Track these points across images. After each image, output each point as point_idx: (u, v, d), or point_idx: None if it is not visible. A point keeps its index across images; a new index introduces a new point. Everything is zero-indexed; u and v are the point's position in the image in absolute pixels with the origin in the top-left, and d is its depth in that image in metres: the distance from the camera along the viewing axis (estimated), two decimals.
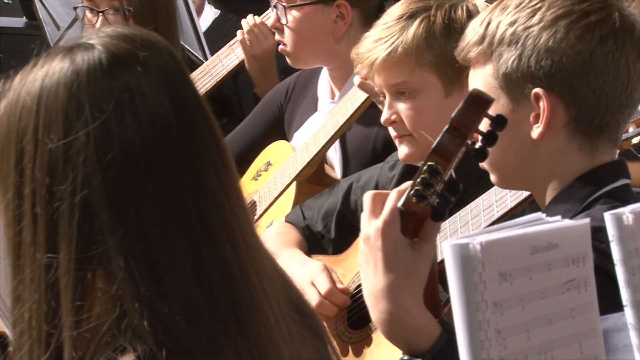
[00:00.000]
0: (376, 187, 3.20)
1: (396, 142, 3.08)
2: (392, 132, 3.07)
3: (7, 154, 1.86)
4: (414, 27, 3.00)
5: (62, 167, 1.81)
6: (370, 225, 2.20)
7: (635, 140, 2.96)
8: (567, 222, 1.72)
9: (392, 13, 3.07)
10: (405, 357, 2.17)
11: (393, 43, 2.99)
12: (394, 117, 3.05)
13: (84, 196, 1.80)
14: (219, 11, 5.34)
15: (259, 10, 4.28)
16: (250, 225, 1.95)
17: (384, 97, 3.06)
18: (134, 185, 1.82)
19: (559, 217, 1.74)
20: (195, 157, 1.86)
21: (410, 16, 3.02)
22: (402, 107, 3.03)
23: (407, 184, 2.19)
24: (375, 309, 2.21)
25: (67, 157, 1.81)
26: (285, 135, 3.91)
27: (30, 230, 1.83)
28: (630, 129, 2.98)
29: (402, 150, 3.05)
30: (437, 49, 2.97)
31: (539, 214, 1.75)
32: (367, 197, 2.25)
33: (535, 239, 1.65)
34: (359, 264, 2.27)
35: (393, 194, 2.20)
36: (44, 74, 1.86)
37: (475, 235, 1.60)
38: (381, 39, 3.01)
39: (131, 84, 1.84)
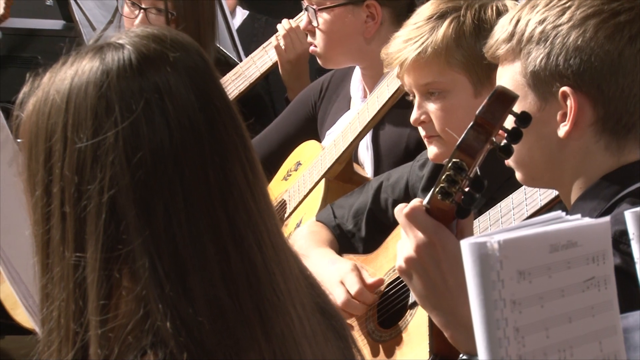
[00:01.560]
0: (406, 186, 3.21)
1: (425, 141, 3.08)
2: (422, 132, 3.08)
3: (36, 152, 1.87)
4: (443, 27, 3.00)
5: (91, 167, 1.82)
6: (410, 244, 2.19)
7: None
8: (587, 220, 1.71)
9: (422, 13, 3.07)
10: (465, 357, 2.17)
11: (423, 43, 2.99)
12: (423, 117, 3.05)
13: (112, 196, 1.80)
14: (248, 12, 5.34)
15: (287, 11, 4.29)
16: (276, 226, 1.95)
17: (414, 96, 3.07)
18: (162, 185, 1.82)
19: (578, 216, 1.74)
20: (224, 158, 1.87)
21: (440, 16, 3.02)
22: (432, 107, 3.04)
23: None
24: (449, 329, 2.20)
25: (95, 156, 1.82)
26: (317, 134, 3.93)
27: (59, 229, 1.84)
28: None
29: (432, 150, 3.05)
30: (467, 49, 2.97)
31: (558, 212, 1.75)
32: (399, 213, 2.22)
33: (555, 237, 1.65)
34: (411, 287, 2.25)
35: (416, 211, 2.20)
36: (73, 72, 1.87)
37: (493, 233, 1.60)
38: (411, 39, 3.02)
39: (160, 84, 1.85)
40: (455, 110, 2.91)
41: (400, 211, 2.21)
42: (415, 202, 2.23)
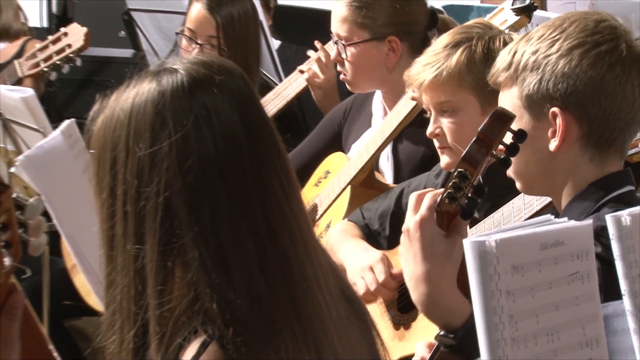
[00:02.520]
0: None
1: (439, 152, 3.08)
2: (436, 143, 3.08)
3: (103, 160, 1.88)
4: (457, 55, 2.99)
5: (149, 172, 1.83)
6: (410, 220, 2.22)
7: None
8: (572, 222, 1.71)
9: (440, 42, 3.06)
10: (442, 333, 2.17)
11: (439, 68, 2.99)
12: (437, 130, 3.05)
13: (166, 197, 1.82)
14: (280, 42, 5.33)
15: (312, 41, 4.27)
16: (307, 225, 1.95)
17: (430, 113, 3.06)
18: (209, 188, 1.83)
19: (565, 219, 1.74)
20: (261, 166, 1.87)
21: (455, 45, 3.01)
22: (445, 122, 3.03)
23: (441, 190, 2.21)
24: (416, 291, 2.21)
25: (153, 163, 1.83)
26: (342, 148, 3.91)
27: (122, 225, 1.85)
28: None
29: (444, 160, 3.05)
30: (477, 74, 2.95)
31: (548, 216, 1.75)
32: (412, 197, 2.26)
33: (544, 237, 1.65)
34: (400, 253, 2.28)
35: (429, 195, 2.22)
36: (135, 93, 1.88)
37: (491, 233, 1.60)
38: (429, 64, 3.01)
39: (208, 103, 1.86)
40: (465, 126, 2.90)
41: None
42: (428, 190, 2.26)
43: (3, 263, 1.78)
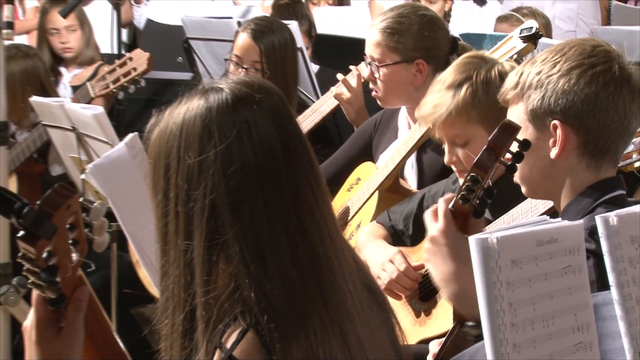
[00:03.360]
0: (442, 195, 3.20)
1: (457, 174, 3.10)
2: (454, 168, 3.09)
3: (157, 167, 1.90)
4: (461, 94, 2.97)
5: (197, 178, 1.84)
6: (433, 228, 2.23)
7: (637, 164, 2.94)
8: (565, 222, 1.71)
9: (443, 81, 3.04)
10: (470, 323, 2.18)
11: (447, 109, 2.98)
12: (454, 158, 3.05)
13: (212, 199, 1.83)
14: (318, 66, 5.34)
15: (347, 66, 4.28)
16: (334, 225, 1.96)
17: (444, 143, 3.07)
18: (249, 192, 1.84)
19: (559, 219, 1.73)
20: (294, 173, 1.88)
21: (458, 85, 2.99)
22: (459, 152, 3.03)
23: (449, 195, 2.24)
24: (447, 289, 2.22)
25: (200, 170, 1.84)
26: (372, 157, 3.91)
27: (174, 223, 1.86)
28: (634, 155, 2.95)
29: (461, 181, 3.04)
30: (480, 107, 2.95)
31: (544, 217, 1.75)
32: (427, 213, 2.28)
33: (540, 234, 1.64)
34: (425, 259, 2.28)
35: (442, 202, 2.24)
36: (186, 109, 1.90)
37: (493, 231, 1.60)
38: (438, 105, 3.00)
39: (249, 117, 1.87)
40: (477, 153, 2.90)
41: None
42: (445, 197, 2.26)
43: (71, 258, 1.80)
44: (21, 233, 1.69)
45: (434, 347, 2.60)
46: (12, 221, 1.70)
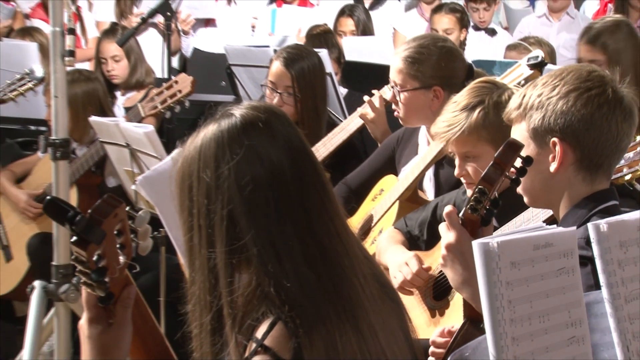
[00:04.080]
0: (454, 204, 3.20)
1: (465, 186, 3.11)
2: (463, 180, 3.09)
3: (182, 188, 1.92)
4: (474, 116, 2.98)
5: (215, 192, 1.87)
6: (448, 237, 2.23)
7: (628, 177, 2.93)
8: (559, 229, 1.71)
9: (459, 103, 3.05)
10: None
11: (461, 128, 2.99)
12: (464, 172, 3.06)
13: (229, 210, 1.86)
14: (347, 90, 5.35)
15: (371, 89, 4.29)
16: (343, 224, 1.97)
17: (455, 157, 3.07)
18: (260, 200, 1.87)
19: (554, 226, 1.73)
20: (301, 181, 1.91)
21: (472, 108, 3.00)
22: (469, 166, 3.04)
23: (449, 209, 2.25)
24: (464, 292, 2.24)
25: (217, 185, 1.87)
26: (395, 170, 3.91)
27: (197, 235, 1.89)
28: (625, 169, 2.94)
29: (469, 192, 3.05)
30: (490, 128, 2.95)
31: (540, 224, 1.75)
32: (442, 225, 2.28)
33: (536, 240, 1.65)
34: (442, 265, 2.28)
35: (453, 216, 2.24)
36: (202, 135, 1.92)
37: (494, 237, 1.61)
38: (452, 124, 3.01)
39: (255, 136, 1.91)
40: (485, 168, 2.90)
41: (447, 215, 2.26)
42: (448, 208, 2.26)
43: (119, 260, 1.82)
44: (74, 238, 1.71)
45: (435, 334, 2.61)
46: (66, 228, 1.72)
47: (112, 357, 1.86)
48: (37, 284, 3.81)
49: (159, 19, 5.68)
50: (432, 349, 2.57)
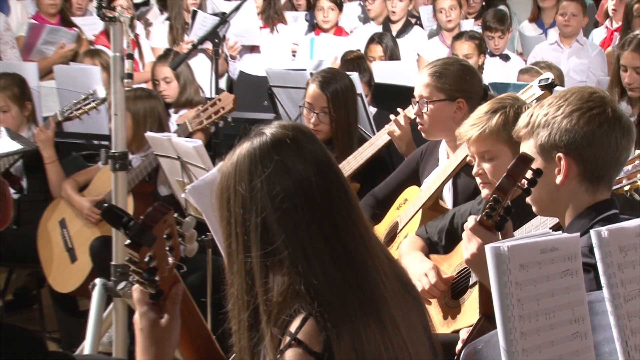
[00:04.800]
0: (469, 214, 3.19)
1: (480, 186, 3.07)
2: (478, 180, 3.07)
3: (221, 200, 1.94)
4: (495, 118, 2.98)
5: (249, 202, 1.89)
6: (471, 248, 2.29)
7: (627, 188, 2.91)
8: (564, 234, 1.71)
9: (482, 109, 3.06)
10: None
11: (482, 127, 2.98)
12: (480, 171, 3.03)
13: (262, 217, 1.88)
14: (376, 109, 5.35)
15: (396, 109, 4.28)
16: (366, 227, 1.98)
17: (474, 159, 3.06)
18: (290, 208, 1.88)
19: (560, 232, 1.74)
20: (326, 189, 1.93)
21: (494, 111, 3.00)
22: (486, 166, 3.01)
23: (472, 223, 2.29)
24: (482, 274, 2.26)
25: (251, 196, 1.89)
26: (418, 181, 3.90)
27: (235, 242, 1.91)
28: (624, 181, 2.92)
29: (484, 192, 3.04)
30: (509, 131, 2.91)
31: (546, 230, 1.76)
32: (464, 235, 2.32)
33: (543, 244, 1.65)
34: (470, 266, 2.35)
35: (470, 227, 2.29)
36: (238, 152, 1.95)
37: (505, 241, 1.61)
38: (475, 125, 3.01)
39: (285, 153, 1.92)
40: (500, 168, 2.86)
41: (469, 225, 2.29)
42: (472, 218, 2.29)
43: (168, 261, 1.84)
44: (128, 241, 1.73)
45: (464, 333, 2.59)
46: (120, 232, 1.75)
47: (163, 348, 1.88)
48: (98, 281, 3.86)
49: (208, 45, 5.71)
50: (460, 345, 2.57)
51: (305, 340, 1.80)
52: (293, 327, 1.82)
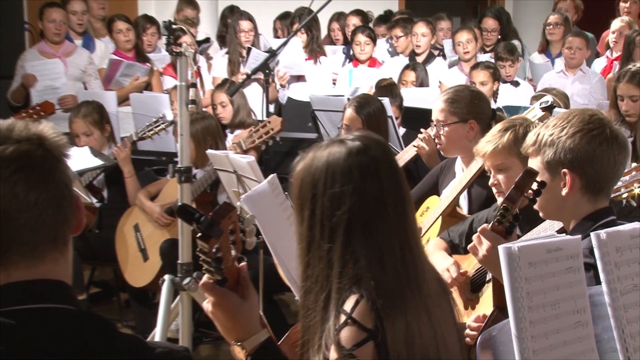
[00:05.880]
0: (486, 220, 3.18)
1: (496, 195, 3.07)
2: (494, 189, 3.06)
3: (304, 193, 1.91)
4: (507, 135, 2.98)
5: (338, 201, 1.86)
6: (483, 248, 2.30)
7: (624, 196, 2.89)
8: (567, 237, 1.70)
9: (496, 128, 3.07)
10: None
11: (496, 143, 2.99)
12: (495, 181, 3.03)
13: (348, 217, 1.86)
14: (405, 129, 5.35)
15: (423, 128, 4.29)
16: (418, 239, 1.97)
17: (490, 172, 3.05)
18: (370, 210, 1.87)
19: (564, 234, 1.72)
20: (402, 200, 1.92)
21: (505, 130, 3.01)
22: (500, 176, 3.01)
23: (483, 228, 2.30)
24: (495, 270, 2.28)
25: (341, 196, 1.86)
26: (438, 192, 3.90)
27: (320, 232, 1.88)
28: (622, 189, 2.90)
29: (499, 199, 3.03)
30: (519, 146, 2.90)
31: (553, 233, 1.75)
32: (475, 237, 2.33)
33: (549, 245, 1.64)
34: (482, 264, 2.37)
35: (482, 232, 2.29)
36: (328, 152, 1.91)
37: (515, 242, 1.61)
38: (490, 141, 3.02)
39: (380, 164, 1.91)
40: (512, 178, 2.80)
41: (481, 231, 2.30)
42: (484, 226, 2.29)
43: (231, 253, 1.80)
44: (199, 234, 1.71)
45: (471, 322, 2.59)
46: (193, 227, 1.73)
47: (251, 321, 1.83)
48: (166, 277, 3.89)
49: (261, 75, 5.75)
50: (467, 331, 2.56)
51: (359, 319, 1.79)
52: (347, 307, 1.81)
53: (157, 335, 3.77)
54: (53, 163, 1.46)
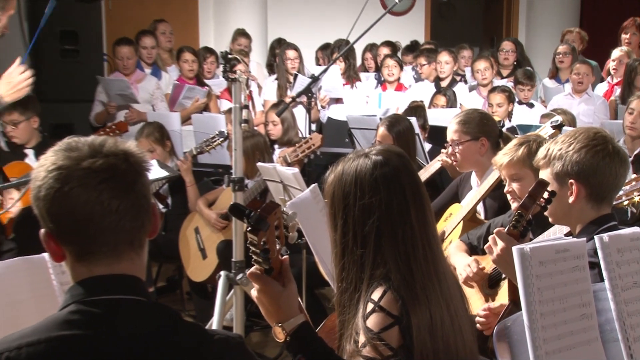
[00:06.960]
0: (501, 225, 3.15)
1: (510, 202, 3.04)
2: (509, 197, 3.04)
3: (337, 203, 1.90)
4: (521, 149, 2.97)
5: (368, 211, 1.85)
6: (498, 248, 2.26)
7: (625, 203, 2.85)
8: (574, 239, 1.68)
9: (512, 142, 3.06)
10: None
11: (511, 156, 2.97)
12: (510, 189, 3.01)
13: (377, 225, 1.85)
14: (431, 145, 5.32)
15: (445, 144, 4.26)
16: (438, 243, 1.94)
17: (506, 180, 3.03)
18: (396, 218, 1.86)
19: (571, 237, 1.71)
20: (423, 209, 1.89)
21: (520, 144, 2.99)
22: (515, 185, 2.99)
23: (499, 232, 2.26)
24: (508, 270, 2.24)
25: (370, 207, 1.85)
26: (459, 200, 3.87)
27: (353, 240, 1.86)
28: (623, 197, 2.86)
29: (514, 205, 3.01)
30: (532, 159, 2.88)
31: (560, 236, 1.73)
32: (491, 238, 2.30)
33: (557, 246, 1.63)
34: (496, 264, 2.31)
35: (497, 235, 2.26)
36: (356, 164, 1.90)
37: (528, 244, 1.60)
38: (506, 154, 3.00)
39: (403, 177, 1.89)
40: (526, 188, 2.80)
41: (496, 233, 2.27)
42: (500, 229, 2.27)
43: (276, 246, 1.78)
44: (249, 228, 1.70)
45: (480, 312, 2.56)
46: (244, 222, 1.72)
47: (292, 306, 1.82)
48: (222, 273, 3.91)
49: (304, 98, 5.78)
50: (477, 318, 2.55)
51: (386, 307, 1.78)
52: (375, 296, 1.80)
53: (214, 323, 3.79)
54: (135, 176, 1.47)
